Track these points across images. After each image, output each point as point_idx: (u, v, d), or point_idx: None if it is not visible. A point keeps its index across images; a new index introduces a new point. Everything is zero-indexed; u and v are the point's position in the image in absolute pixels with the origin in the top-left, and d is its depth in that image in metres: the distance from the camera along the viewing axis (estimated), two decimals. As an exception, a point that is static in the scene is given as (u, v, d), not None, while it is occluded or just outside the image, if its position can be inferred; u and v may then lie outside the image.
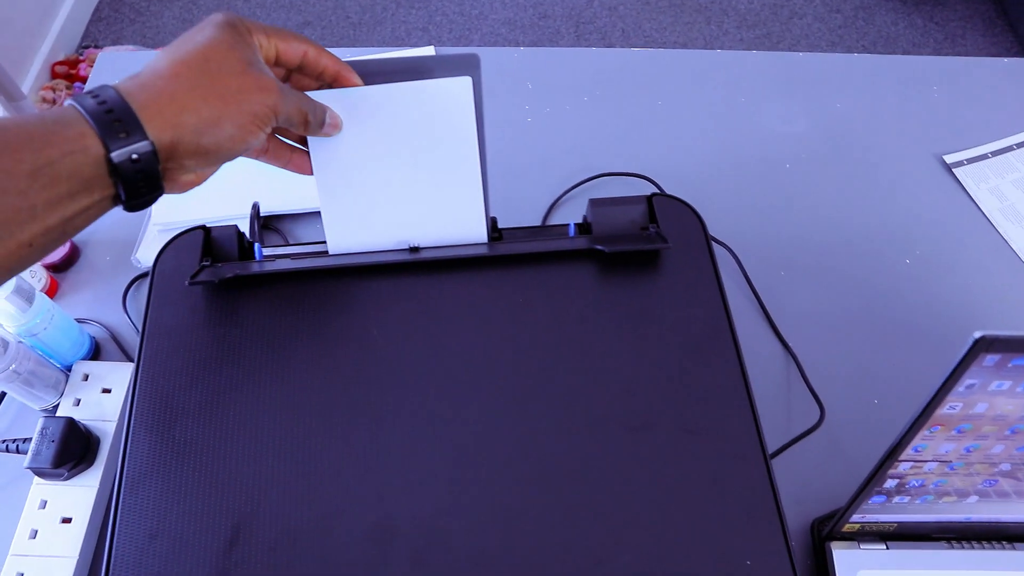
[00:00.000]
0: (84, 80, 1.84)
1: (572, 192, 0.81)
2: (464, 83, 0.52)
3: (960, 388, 0.43)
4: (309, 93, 0.50)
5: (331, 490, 0.46)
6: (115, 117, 0.38)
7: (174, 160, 0.41)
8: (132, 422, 0.49)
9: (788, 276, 0.75)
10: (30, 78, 1.82)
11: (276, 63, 0.48)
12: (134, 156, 0.39)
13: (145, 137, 0.39)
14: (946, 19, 2.12)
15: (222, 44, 0.43)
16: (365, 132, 0.53)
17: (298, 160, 0.54)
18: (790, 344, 0.71)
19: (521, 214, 0.79)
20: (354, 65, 0.52)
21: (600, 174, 0.81)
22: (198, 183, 0.45)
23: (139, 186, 0.40)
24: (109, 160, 0.38)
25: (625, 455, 0.48)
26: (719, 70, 0.92)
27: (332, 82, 0.51)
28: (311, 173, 0.54)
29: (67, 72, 1.87)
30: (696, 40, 2.07)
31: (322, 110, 0.50)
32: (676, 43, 2.06)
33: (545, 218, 0.79)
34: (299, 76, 0.51)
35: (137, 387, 0.50)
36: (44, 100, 1.79)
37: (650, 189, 0.80)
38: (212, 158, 0.43)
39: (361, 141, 0.53)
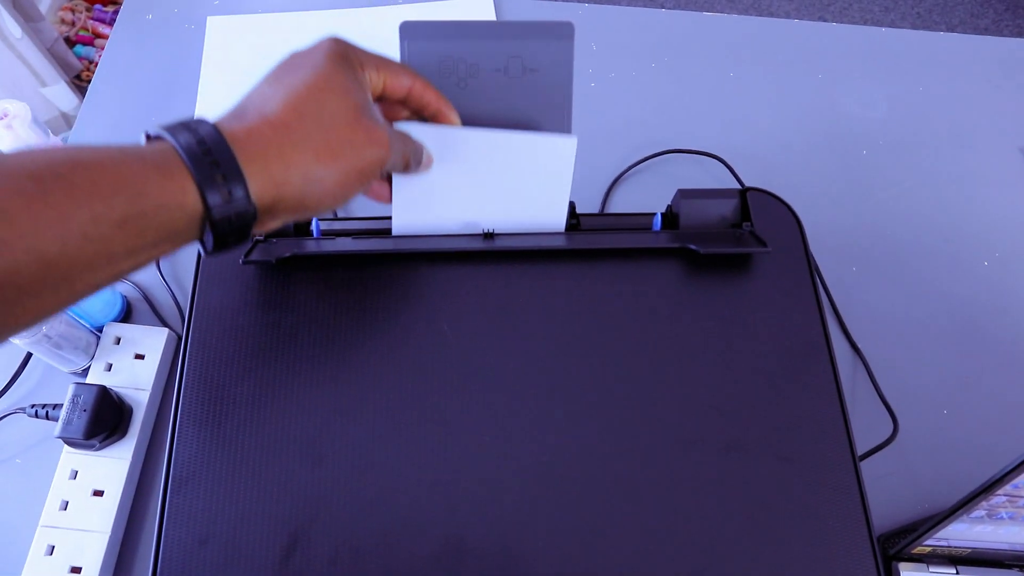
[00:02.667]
0: (104, 1, 1.76)
1: (636, 167, 0.76)
2: (570, 144, 0.50)
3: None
4: (401, 125, 0.48)
5: (396, 500, 0.43)
6: (220, 172, 0.35)
7: (270, 215, 0.39)
8: (179, 415, 0.45)
9: (860, 272, 0.71)
10: (48, -2, 1.73)
11: (380, 97, 0.45)
12: (233, 216, 0.36)
13: (247, 197, 0.36)
14: (1007, -12, 2.01)
15: (336, 86, 0.40)
16: (455, 172, 0.51)
17: (377, 188, 0.51)
18: (859, 346, 0.67)
19: (582, 188, 0.74)
20: (435, 26, 0.46)
21: (667, 150, 0.76)
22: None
23: (228, 240, 0.38)
24: (204, 217, 0.36)
25: (711, 474, 0.44)
26: (796, 42, 0.85)
27: (431, 118, 0.48)
28: (390, 202, 0.52)
29: (87, -8, 1.78)
30: (744, -4, 1.97)
31: (420, 151, 0.48)
32: (723, -1, 1.96)
33: (608, 193, 0.74)
34: (391, 105, 0.48)
35: (184, 376, 0.46)
36: (63, 21, 1.71)
37: (720, 169, 0.75)
38: (309, 213, 0.41)
39: (449, 180, 0.51)
